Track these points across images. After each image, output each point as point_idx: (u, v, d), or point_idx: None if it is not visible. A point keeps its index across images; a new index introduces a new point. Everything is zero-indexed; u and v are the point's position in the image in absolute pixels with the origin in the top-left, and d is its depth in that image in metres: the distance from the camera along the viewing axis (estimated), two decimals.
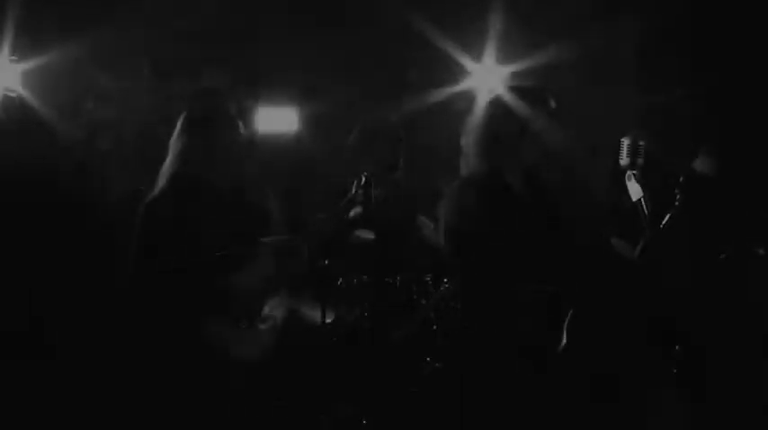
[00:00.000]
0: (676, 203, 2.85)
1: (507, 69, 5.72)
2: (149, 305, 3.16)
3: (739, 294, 3.82)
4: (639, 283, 2.88)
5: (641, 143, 2.64)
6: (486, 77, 5.76)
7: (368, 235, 4.46)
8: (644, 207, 2.64)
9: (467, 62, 5.81)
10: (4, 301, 5.31)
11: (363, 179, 3.45)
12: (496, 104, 2.76)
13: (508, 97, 2.77)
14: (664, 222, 2.76)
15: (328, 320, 4.34)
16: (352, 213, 4.54)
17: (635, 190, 2.64)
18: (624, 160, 2.65)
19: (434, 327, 4.48)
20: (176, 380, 3.11)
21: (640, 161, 2.65)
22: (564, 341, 2.56)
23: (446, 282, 4.51)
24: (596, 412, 3.96)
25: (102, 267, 5.44)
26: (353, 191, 3.43)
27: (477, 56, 5.84)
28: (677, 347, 2.80)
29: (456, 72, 5.91)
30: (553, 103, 2.79)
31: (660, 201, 2.83)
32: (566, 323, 2.58)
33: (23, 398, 4.84)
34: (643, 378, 4.14)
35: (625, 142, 2.65)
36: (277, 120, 6.07)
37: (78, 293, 5.68)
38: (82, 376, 5.06)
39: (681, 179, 2.92)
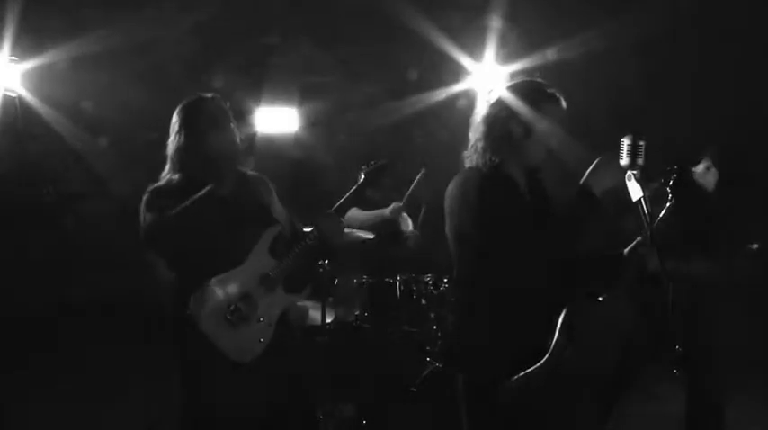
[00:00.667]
0: (669, 203, 2.86)
1: (507, 69, 5.72)
2: (149, 301, 3.17)
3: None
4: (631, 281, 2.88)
5: (641, 143, 2.63)
6: (486, 77, 5.76)
7: (367, 235, 4.46)
8: (644, 207, 2.63)
9: (467, 62, 5.82)
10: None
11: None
12: (507, 101, 2.76)
13: (518, 94, 2.76)
14: (657, 221, 2.76)
15: (328, 320, 4.34)
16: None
17: (635, 190, 2.63)
18: (624, 160, 2.63)
19: (434, 327, 4.48)
20: (178, 373, 3.11)
21: (640, 161, 2.63)
22: (556, 338, 2.56)
23: (446, 282, 4.51)
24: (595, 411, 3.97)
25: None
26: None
27: (477, 56, 5.84)
28: (677, 347, 2.78)
29: (456, 72, 5.92)
30: (564, 104, 2.79)
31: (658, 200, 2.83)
32: (560, 320, 2.58)
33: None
34: (640, 377, 4.15)
35: (625, 142, 2.64)
36: (277, 120, 6.08)
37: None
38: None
39: (672, 180, 2.92)
